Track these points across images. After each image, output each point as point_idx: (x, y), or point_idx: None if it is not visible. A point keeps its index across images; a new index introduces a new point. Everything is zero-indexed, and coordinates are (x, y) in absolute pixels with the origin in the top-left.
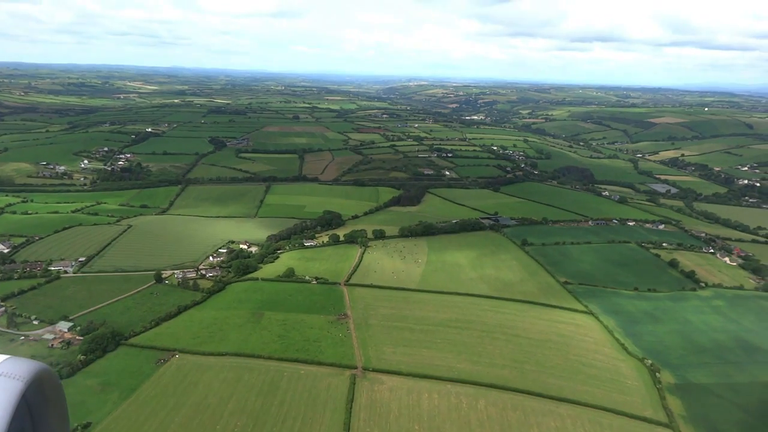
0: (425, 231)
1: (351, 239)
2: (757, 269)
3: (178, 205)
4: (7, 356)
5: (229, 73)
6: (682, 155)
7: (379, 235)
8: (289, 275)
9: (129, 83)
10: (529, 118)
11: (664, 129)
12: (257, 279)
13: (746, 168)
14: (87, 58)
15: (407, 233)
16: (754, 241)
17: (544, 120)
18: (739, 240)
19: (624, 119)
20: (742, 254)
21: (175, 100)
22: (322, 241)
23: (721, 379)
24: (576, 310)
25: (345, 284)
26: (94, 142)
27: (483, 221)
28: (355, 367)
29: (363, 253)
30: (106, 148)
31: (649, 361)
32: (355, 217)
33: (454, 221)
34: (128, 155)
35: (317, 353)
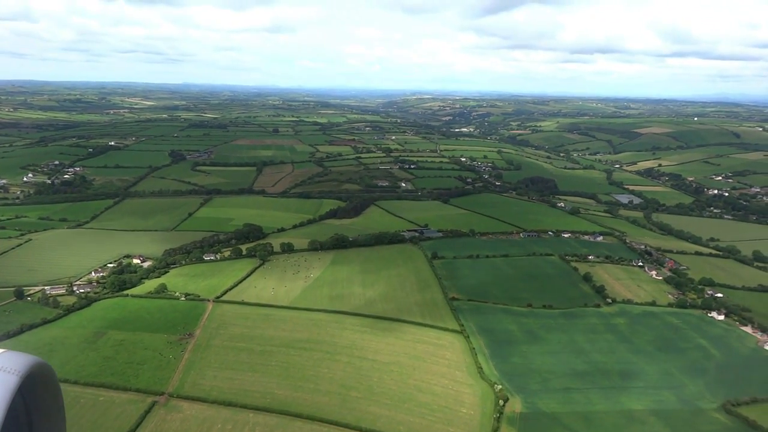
0: (336, 244)
1: (252, 253)
2: (680, 284)
3: (102, 218)
4: (3, 350)
5: (236, 88)
6: (659, 165)
7: (287, 249)
8: (160, 291)
9: (127, 99)
10: (518, 129)
11: (649, 139)
12: (127, 295)
13: (720, 178)
14: (97, 76)
15: (317, 246)
16: (697, 253)
17: (530, 131)
18: (682, 252)
19: (610, 130)
20: (675, 267)
21: (164, 115)
22: (224, 256)
23: (577, 407)
24: (446, 329)
25: (214, 301)
26: (47, 155)
27: (405, 234)
28: (162, 394)
29: (256, 268)
30: (56, 162)
31: (499, 387)
32: (282, 230)
33: (373, 234)
34: (77, 168)
35: (131, 378)
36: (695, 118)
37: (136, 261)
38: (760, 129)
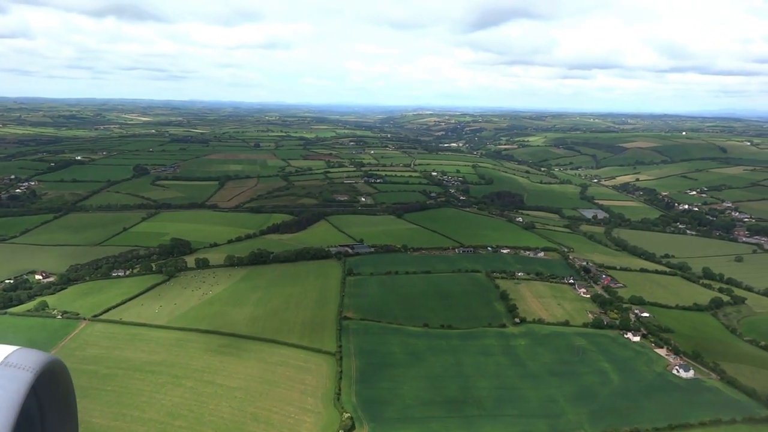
0: (255, 260)
1: (161, 269)
2: (605, 302)
3: (34, 233)
4: (17, 347)
5: (241, 105)
6: (637, 180)
7: (201, 265)
8: (39, 309)
9: (123, 115)
10: (505, 144)
11: (633, 154)
12: (5, 313)
13: (694, 192)
14: (104, 93)
15: (234, 262)
16: (642, 270)
17: (517, 146)
18: (626, 269)
19: (596, 144)
20: (609, 285)
21: (152, 131)
22: (132, 272)
23: None
24: (319, 351)
25: (90, 319)
26: (6, 170)
27: (333, 249)
28: None
29: (157, 284)
30: (12, 176)
31: (347, 415)
32: (215, 245)
33: (296, 250)
34: (32, 183)
35: None
36: (683, 133)
37: (38, 277)
38: (748, 144)
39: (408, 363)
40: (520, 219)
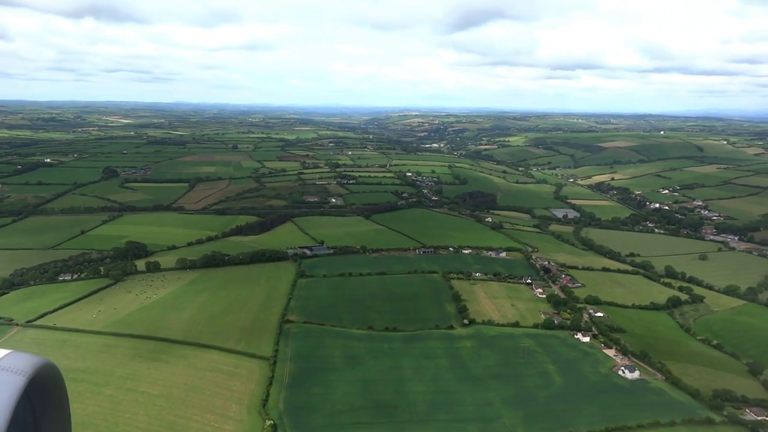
0: (208, 263)
1: (108, 273)
2: (559, 302)
3: None
4: (10, 351)
5: (227, 107)
6: (612, 179)
7: (152, 268)
8: None
9: (105, 117)
10: (486, 144)
11: (612, 153)
12: None
13: (667, 191)
14: (90, 95)
15: (186, 265)
16: (604, 269)
17: (497, 146)
18: (588, 268)
19: (575, 144)
20: (568, 284)
21: (131, 133)
22: (80, 276)
23: None
24: (253, 356)
25: (23, 325)
26: None
27: (290, 251)
28: None
29: (101, 288)
30: None
31: (270, 422)
32: (173, 248)
33: (251, 252)
34: None
35: None
36: (661, 132)
37: None
38: (725, 142)
39: (345, 367)
40: (489, 219)
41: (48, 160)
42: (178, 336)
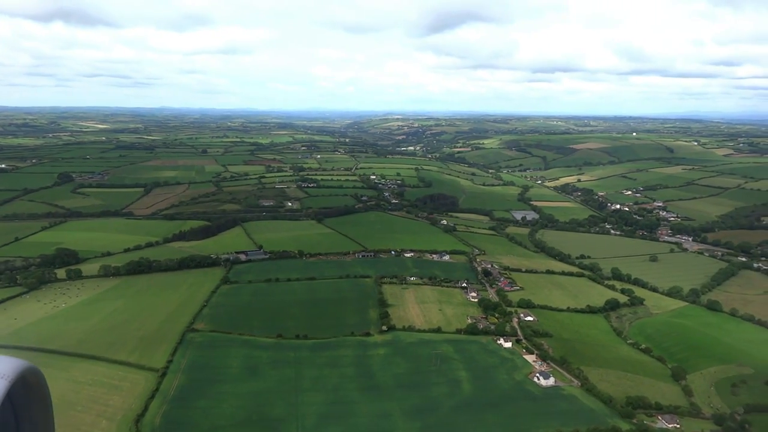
0: (134, 269)
1: (24, 281)
2: (489, 306)
3: None
4: None
5: (211, 111)
6: (578, 180)
7: (74, 276)
8: None
9: (80, 123)
10: (461, 147)
11: (583, 155)
12: None
13: (630, 192)
14: (70, 101)
15: (110, 272)
16: (548, 271)
17: (471, 149)
18: (532, 271)
19: (548, 146)
20: (505, 287)
21: (102, 138)
22: None
23: None
24: (143, 368)
25: None
26: None
27: (223, 257)
28: None
29: (10, 298)
30: None
31: None
32: (108, 254)
33: (180, 258)
34: None
35: None
36: (633, 134)
37: None
38: (695, 143)
39: (241, 378)
40: (445, 222)
41: (3, 166)
42: (71, 347)
